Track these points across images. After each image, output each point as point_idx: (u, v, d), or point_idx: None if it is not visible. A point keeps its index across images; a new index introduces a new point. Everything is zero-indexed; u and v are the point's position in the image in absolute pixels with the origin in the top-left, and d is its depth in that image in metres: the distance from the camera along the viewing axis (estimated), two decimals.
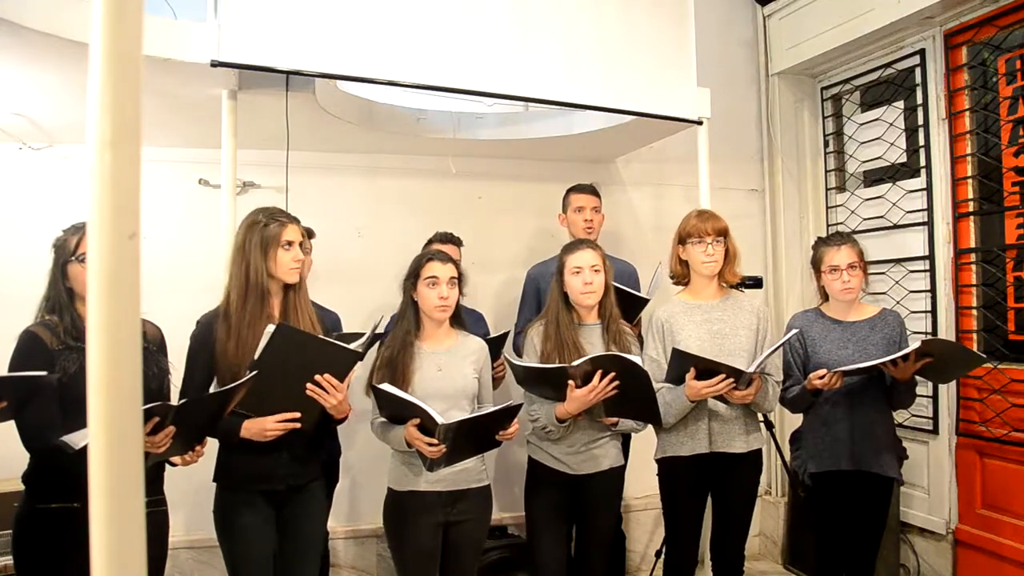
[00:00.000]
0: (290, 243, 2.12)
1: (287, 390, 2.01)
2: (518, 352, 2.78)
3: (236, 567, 2.12)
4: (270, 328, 1.94)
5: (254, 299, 2.08)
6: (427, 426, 2.07)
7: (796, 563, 3.73)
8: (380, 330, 2.43)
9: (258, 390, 1.93)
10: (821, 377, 2.40)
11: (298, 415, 2.04)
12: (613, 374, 2.18)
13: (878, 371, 2.44)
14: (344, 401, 2.10)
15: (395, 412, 2.19)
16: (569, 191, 3.23)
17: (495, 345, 2.66)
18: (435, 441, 2.05)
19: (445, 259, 2.32)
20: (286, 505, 2.15)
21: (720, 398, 2.36)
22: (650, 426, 2.51)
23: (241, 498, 2.10)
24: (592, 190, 3.21)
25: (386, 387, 2.13)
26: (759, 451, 2.50)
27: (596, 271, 2.40)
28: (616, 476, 2.49)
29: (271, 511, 2.14)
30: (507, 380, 3.09)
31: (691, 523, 2.52)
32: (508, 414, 2.13)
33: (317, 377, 2.02)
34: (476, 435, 2.15)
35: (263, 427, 2.02)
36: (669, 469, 2.50)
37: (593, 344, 2.40)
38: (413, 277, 2.31)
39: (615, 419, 2.38)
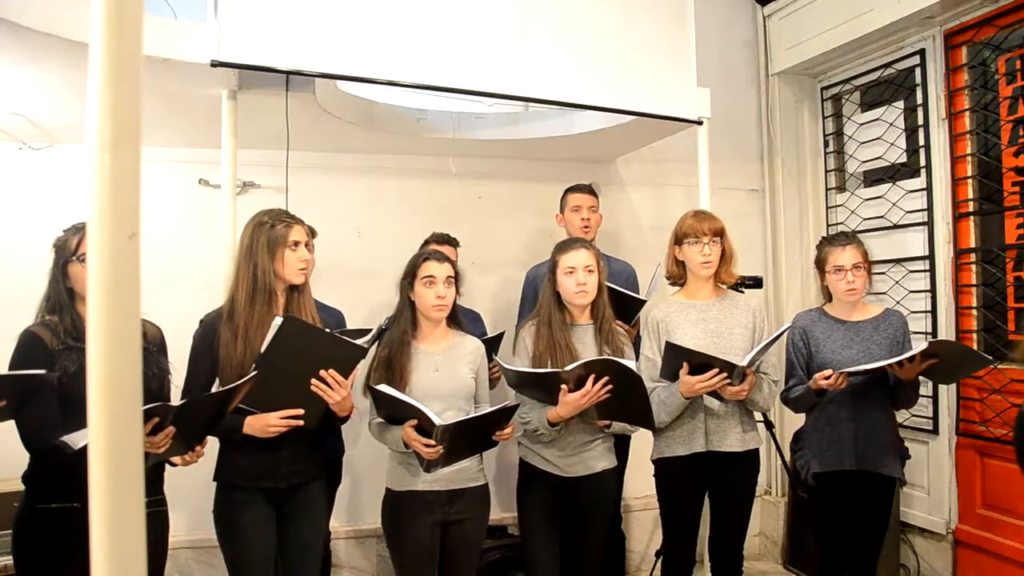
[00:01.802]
0: (297, 243, 2.13)
1: (291, 385, 2.01)
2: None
3: (236, 566, 2.12)
4: (277, 320, 1.94)
5: (262, 300, 2.09)
6: (424, 427, 2.07)
7: (796, 563, 3.73)
8: (384, 327, 2.43)
9: (262, 385, 1.93)
10: (827, 378, 2.40)
11: (301, 412, 2.04)
12: (606, 378, 2.16)
13: (882, 371, 2.44)
14: (348, 398, 2.10)
15: (392, 413, 2.19)
16: (567, 191, 3.23)
17: (491, 346, 2.66)
18: (432, 442, 2.05)
19: (442, 258, 2.32)
20: (287, 503, 2.15)
21: (715, 395, 2.36)
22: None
23: (241, 496, 2.10)
24: (589, 189, 3.21)
25: (384, 388, 2.14)
26: (756, 451, 2.50)
27: (590, 271, 2.37)
28: (609, 478, 2.47)
29: (271, 510, 2.13)
30: (504, 381, 3.09)
31: (689, 523, 2.51)
32: (504, 414, 2.13)
33: (322, 372, 2.02)
34: (473, 435, 2.15)
35: (266, 423, 2.02)
36: (666, 469, 2.49)
37: (585, 344, 2.39)
38: (410, 277, 2.31)
39: (608, 421, 2.37)
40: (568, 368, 2.17)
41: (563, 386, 2.19)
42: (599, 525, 2.49)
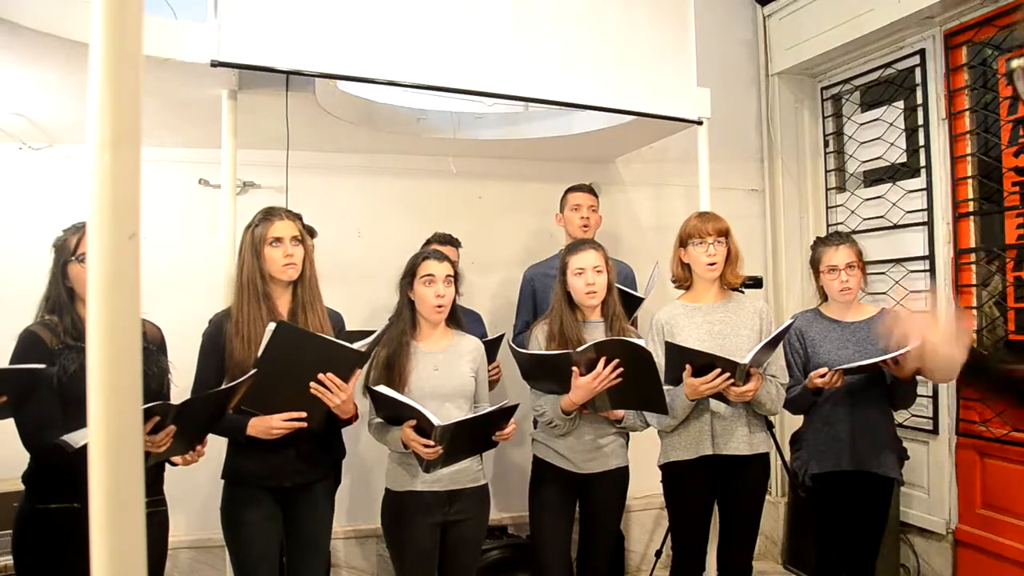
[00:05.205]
0: (278, 239, 2.12)
1: (292, 388, 2.02)
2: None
3: (241, 564, 2.13)
4: (271, 326, 1.94)
5: (251, 300, 2.10)
6: (424, 427, 2.07)
7: (796, 563, 3.73)
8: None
9: (263, 388, 1.94)
10: (822, 376, 2.40)
11: (304, 414, 2.04)
12: (617, 361, 2.18)
13: (879, 370, 2.44)
14: (349, 401, 2.10)
15: (392, 413, 2.20)
16: (567, 191, 3.24)
17: (490, 348, 2.66)
18: (431, 442, 2.05)
19: (441, 257, 2.33)
20: (293, 504, 2.16)
21: (721, 398, 2.35)
22: (653, 429, 2.50)
23: (248, 495, 2.12)
24: (589, 189, 3.22)
25: (382, 389, 2.14)
26: (766, 455, 2.48)
27: (599, 272, 2.41)
28: (621, 475, 2.49)
29: (277, 509, 2.15)
30: (503, 382, 3.09)
31: (697, 529, 2.48)
32: (504, 414, 2.13)
33: (320, 376, 2.02)
34: (472, 436, 2.15)
35: (269, 425, 2.03)
36: (673, 474, 2.47)
37: (596, 339, 2.40)
38: (409, 276, 2.32)
39: (620, 414, 2.38)
40: (579, 349, 2.20)
41: (574, 369, 2.20)
42: (610, 522, 2.52)
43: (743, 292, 2.69)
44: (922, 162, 3.41)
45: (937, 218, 3.33)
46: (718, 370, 2.23)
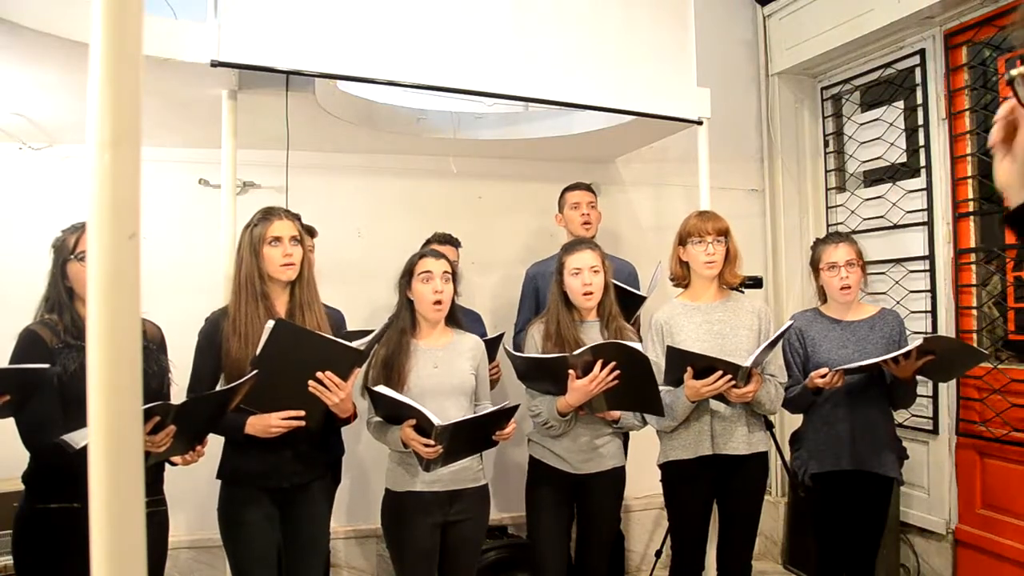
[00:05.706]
0: (277, 239, 2.11)
1: (290, 387, 2.02)
2: (519, 351, 2.78)
3: (240, 564, 2.13)
4: (270, 324, 1.95)
5: (249, 299, 2.10)
6: (423, 426, 2.07)
7: (796, 563, 3.73)
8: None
9: (262, 386, 1.94)
10: (823, 376, 2.40)
11: (302, 413, 2.04)
12: (614, 363, 2.18)
13: (879, 370, 2.44)
14: (347, 400, 2.10)
15: (391, 413, 2.20)
16: (564, 190, 3.24)
17: (490, 347, 2.67)
18: (431, 442, 2.05)
19: (438, 255, 2.33)
20: (290, 504, 2.16)
21: (721, 398, 2.35)
22: (652, 428, 2.50)
23: (245, 495, 2.11)
24: (587, 187, 3.22)
25: (381, 389, 2.14)
26: (764, 454, 2.48)
27: (595, 272, 2.41)
28: (618, 475, 2.49)
29: (275, 509, 2.14)
30: (503, 381, 3.09)
31: (697, 528, 2.48)
32: (505, 414, 2.13)
33: (318, 374, 2.02)
34: (472, 435, 2.15)
35: (267, 424, 2.03)
36: (673, 474, 2.47)
37: (593, 340, 2.39)
38: (407, 275, 2.32)
39: (617, 414, 2.38)
40: (576, 352, 2.20)
41: (571, 372, 2.21)
42: (607, 522, 2.52)
43: (743, 292, 2.69)
44: (922, 162, 3.41)
45: (937, 218, 3.33)
46: (719, 372, 2.24)
